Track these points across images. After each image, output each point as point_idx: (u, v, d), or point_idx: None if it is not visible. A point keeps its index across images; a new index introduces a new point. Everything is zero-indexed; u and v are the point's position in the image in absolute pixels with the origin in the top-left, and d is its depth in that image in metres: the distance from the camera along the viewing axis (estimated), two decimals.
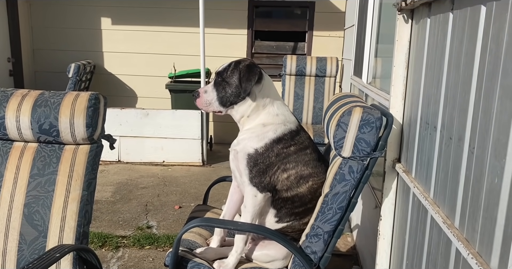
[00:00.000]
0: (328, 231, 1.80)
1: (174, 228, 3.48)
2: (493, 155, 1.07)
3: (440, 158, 1.47)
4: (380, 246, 2.06)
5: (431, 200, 1.52)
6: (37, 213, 1.75)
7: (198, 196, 4.20)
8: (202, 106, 2.00)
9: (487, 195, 1.10)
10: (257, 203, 1.89)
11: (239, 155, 1.92)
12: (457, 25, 1.38)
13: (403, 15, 1.90)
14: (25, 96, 1.83)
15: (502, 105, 1.04)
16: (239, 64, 1.94)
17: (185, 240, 2.07)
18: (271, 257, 1.94)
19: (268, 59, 6.18)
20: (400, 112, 1.97)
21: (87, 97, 1.80)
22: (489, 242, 1.07)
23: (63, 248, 1.58)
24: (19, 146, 1.85)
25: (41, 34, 6.26)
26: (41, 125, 1.78)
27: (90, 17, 6.14)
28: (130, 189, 4.37)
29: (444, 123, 1.45)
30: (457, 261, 1.26)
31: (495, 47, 1.10)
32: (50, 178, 1.78)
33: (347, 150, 1.75)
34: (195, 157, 5.19)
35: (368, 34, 3.52)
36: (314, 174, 1.93)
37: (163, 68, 6.03)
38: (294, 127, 1.96)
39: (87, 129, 1.78)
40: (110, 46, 6.22)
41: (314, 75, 5.08)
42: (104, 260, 2.95)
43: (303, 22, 6.09)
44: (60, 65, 6.05)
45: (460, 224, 1.27)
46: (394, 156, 1.99)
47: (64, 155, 1.81)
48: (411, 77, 1.88)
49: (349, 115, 1.73)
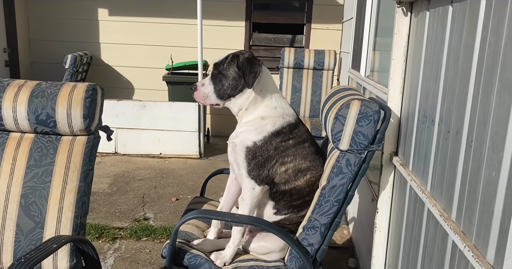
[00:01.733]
0: (325, 224, 1.81)
1: (171, 220, 3.49)
2: (491, 148, 1.07)
3: (437, 151, 1.48)
4: (377, 238, 2.07)
5: (428, 193, 1.53)
6: (34, 204, 1.75)
7: (195, 188, 4.20)
8: (199, 99, 1.99)
9: (484, 188, 1.11)
10: (255, 195, 1.90)
11: (237, 148, 1.92)
12: (456, 18, 1.38)
13: (402, 8, 1.90)
14: (21, 86, 1.82)
15: (501, 99, 1.04)
16: (237, 57, 1.93)
17: (182, 232, 2.07)
18: (268, 249, 1.95)
19: (266, 51, 6.16)
20: (398, 105, 1.97)
21: (84, 88, 1.79)
22: (486, 234, 1.08)
23: (60, 239, 1.58)
24: (16, 137, 1.84)
25: (38, 25, 6.21)
26: (38, 116, 1.77)
27: (87, 8, 6.10)
28: (127, 181, 4.37)
29: (442, 116, 1.45)
30: (454, 253, 1.27)
31: (494, 40, 1.09)
32: (47, 169, 1.78)
33: (345, 143, 1.75)
34: (192, 149, 5.19)
35: (367, 27, 3.51)
36: (312, 167, 1.94)
37: (161, 60, 6.00)
38: (293, 121, 1.96)
39: (85, 120, 1.77)
40: (107, 38, 6.18)
41: (312, 68, 5.06)
42: (101, 251, 2.96)
43: (301, 15, 6.06)
44: (56, 56, 6.01)
45: (457, 217, 1.27)
46: (392, 149, 1.99)
47: (61, 145, 1.80)
48: (410, 71, 1.88)
49: (347, 109, 1.73)
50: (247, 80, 1.88)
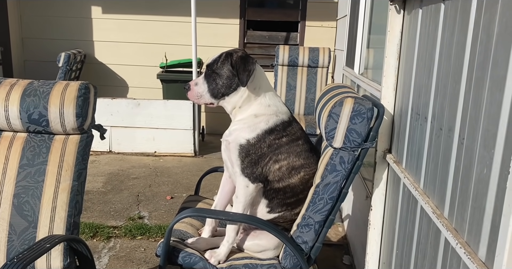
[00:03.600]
0: (319, 221, 1.81)
1: (165, 218, 3.48)
2: (482, 146, 1.08)
3: (430, 149, 1.48)
4: (371, 236, 2.07)
5: (421, 190, 1.53)
6: (27, 204, 1.74)
7: (190, 186, 4.19)
8: (193, 98, 1.99)
9: (476, 185, 1.11)
10: (248, 193, 1.90)
11: (231, 146, 1.92)
12: (448, 16, 1.38)
13: (395, 6, 1.90)
14: (13, 85, 1.80)
15: (492, 96, 1.04)
16: (231, 56, 1.93)
17: (176, 230, 2.07)
18: (263, 247, 1.95)
19: (260, 49, 6.15)
20: (392, 103, 1.97)
21: (77, 87, 1.78)
22: (478, 231, 1.08)
23: (54, 238, 1.57)
24: (8, 136, 1.83)
25: (31, 23, 6.17)
26: (30, 115, 1.76)
27: (80, 6, 6.06)
28: (121, 179, 4.36)
29: (434, 114, 1.45)
30: (446, 250, 1.28)
31: (485, 38, 1.10)
32: (40, 168, 1.77)
33: (338, 141, 1.75)
34: (187, 147, 5.18)
35: (361, 24, 3.51)
36: (305, 165, 1.94)
37: (155, 58, 5.97)
38: (286, 118, 1.96)
39: (77, 119, 1.76)
40: (100, 35, 6.15)
41: (307, 66, 5.07)
42: (95, 250, 2.95)
43: (296, 12, 6.05)
44: (50, 55, 5.97)
45: (449, 214, 1.28)
46: (385, 147, 2.00)
47: (54, 145, 1.79)
48: (403, 68, 1.88)
49: (340, 106, 1.73)
50: (241, 78, 1.88)
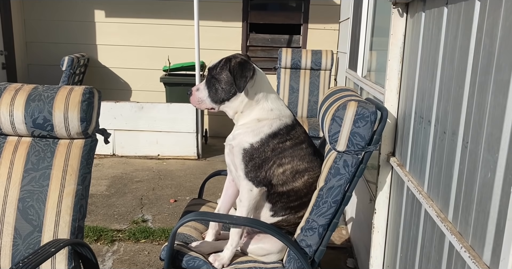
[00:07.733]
0: (323, 225, 1.81)
1: (169, 222, 3.49)
2: (486, 149, 1.08)
3: (434, 152, 1.48)
4: (375, 239, 2.07)
5: (425, 193, 1.53)
6: (31, 208, 1.75)
7: (193, 189, 4.20)
8: (195, 104, 2.02)
9: (480, 189, 1.11)
10: (252, 197, 1.90)
11: (234, 150, 1.92)
12: (451, 20, 1.38)
13: (398, 9, 1.90)
14: (18, 90, 1.81)
15: (496, 100, 1.04)
16: (229, 61, 1.93)
17: (180, 234, 2.07)
18: (266, 250, 1.95)
19: (263, 52, 6.16)
20: (395, 106, 1.97)
21: (81, 92, 1.79)
22: (482, 235, 1.08)
23: (58, 242, 1.58)
24: (13, 141, 1.84)
25: (34, 27, 6.20)
26: (35, 120, 1.77)
27: (83, 10, 6.09)
28: (125, 182, 4.37)
29: (438, 117, 1.45)
30: (450, 254, 1.28)
31: (489, 42, 1.10)
32: (45, 173, 1.77)
33: (342, 144, 1.75)
34: (190, 150, 5.19)
35: (363, 27, 3.52)
36: (309, 169, 1.94)
37: (158, 61, 5.99)
38: (290, 122, 1.96)
39: (82, 124, 1.77)
40: (104, 39, 6.17)
41: (309, 69, 5.07)
42: (99, 254, 2.96)
43: (298, 15, 6.06)
44: (53, 58, 6.00)
45: (453, 218, 1.28)
46: (389, 150, 2.00)
47: (59, 149, 1.80)
48: (406, 71, 1.88)
49: (344, 110, 1.73)
50: (238, 84, 1.89)
